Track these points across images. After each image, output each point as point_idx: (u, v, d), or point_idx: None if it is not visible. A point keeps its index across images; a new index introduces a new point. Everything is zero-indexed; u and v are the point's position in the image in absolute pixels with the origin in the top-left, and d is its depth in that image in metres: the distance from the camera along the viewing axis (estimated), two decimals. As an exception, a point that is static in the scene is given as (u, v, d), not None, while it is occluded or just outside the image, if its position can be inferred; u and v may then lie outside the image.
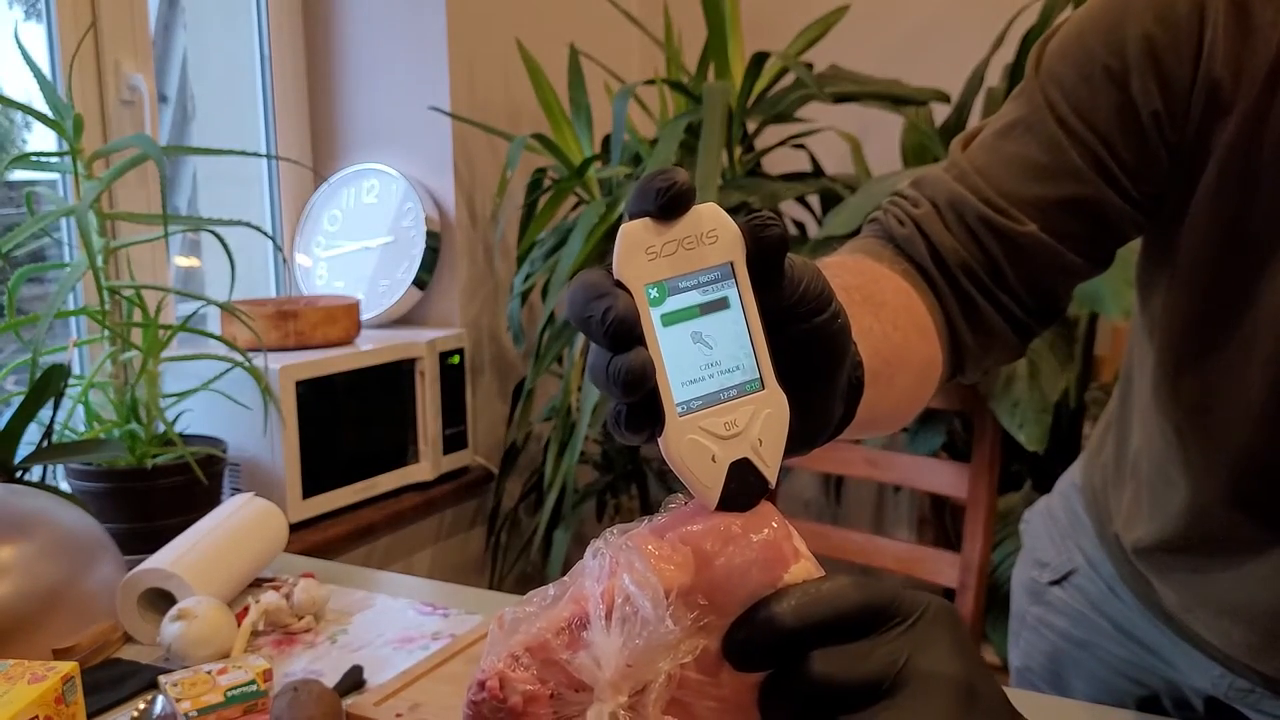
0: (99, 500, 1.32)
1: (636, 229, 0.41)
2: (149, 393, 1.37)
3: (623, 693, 0.39)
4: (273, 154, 2.05)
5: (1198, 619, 0.88)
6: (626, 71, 2.19)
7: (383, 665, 0.99)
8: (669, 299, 0.41)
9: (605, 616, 0.39)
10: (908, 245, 0.73)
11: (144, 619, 1.06)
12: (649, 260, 0.41)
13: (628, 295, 0.40)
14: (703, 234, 0.42)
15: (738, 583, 0.40)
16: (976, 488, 1.64)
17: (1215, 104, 0.68)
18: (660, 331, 0.41)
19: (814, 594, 0.40)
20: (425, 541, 2.03)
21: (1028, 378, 1.69)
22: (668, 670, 0.39)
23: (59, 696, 0.77)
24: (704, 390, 0.41)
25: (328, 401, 1.71)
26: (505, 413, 2.19)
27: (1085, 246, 0.73)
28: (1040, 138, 0.72)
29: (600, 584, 0.40)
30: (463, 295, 2.07)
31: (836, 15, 2.02)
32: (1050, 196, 0.71)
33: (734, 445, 0.42)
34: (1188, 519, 0.82)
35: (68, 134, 1.33)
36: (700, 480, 0.41)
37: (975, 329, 0.74)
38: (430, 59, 2.01)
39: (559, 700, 0.40)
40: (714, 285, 0.42)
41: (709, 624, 0.40)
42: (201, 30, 2.04)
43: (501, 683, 0.40)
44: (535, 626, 0.40)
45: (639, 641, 0.39)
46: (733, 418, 0.42)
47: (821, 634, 0.40)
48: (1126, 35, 0.69)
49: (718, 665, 0.41)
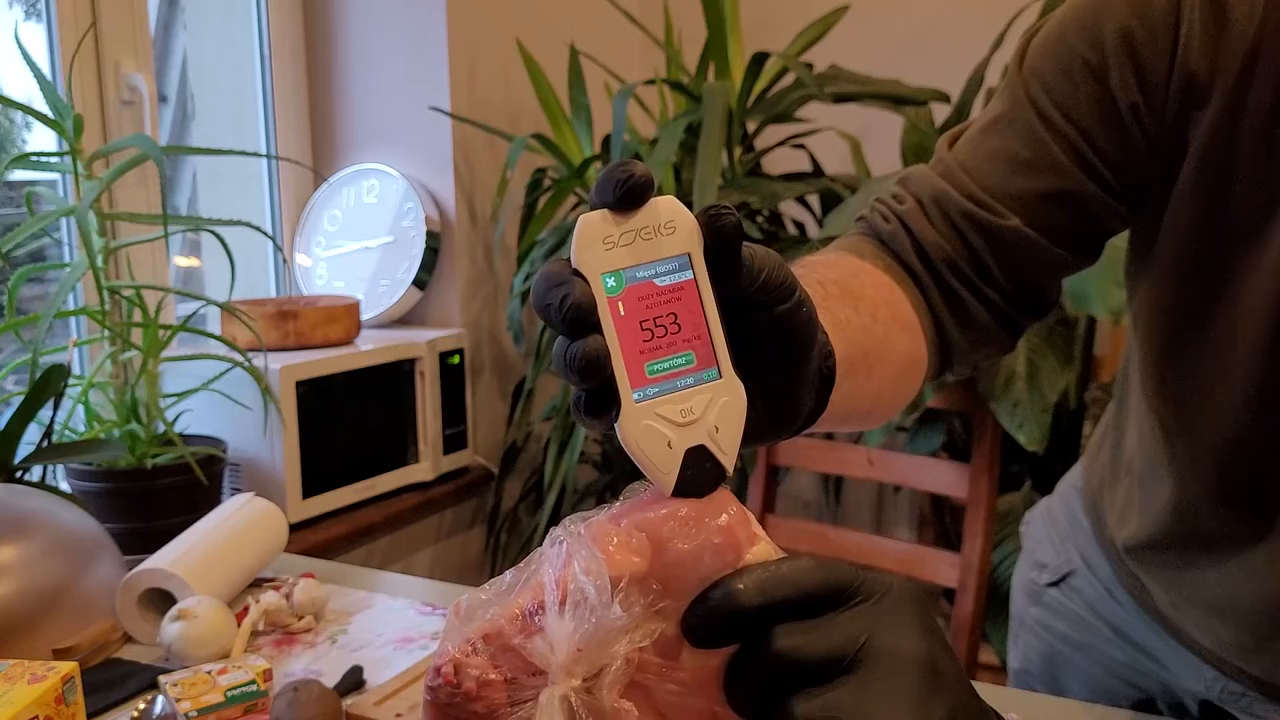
0: (99, 500, 1.32)
1: (595, 220, 0.42)
2: (149, 393, 1.38)
3: (575, 676, 0.40)
4: (273, 154, 2.05)
5: (1187, 618, 0.88)
6: (626, 71, 2.19)
7: (383, 665, 0.99)
8: (626, 288, 0.42)
9: (559, 603, 0.40)
10: (893, 241, 0.74)
11: (144, 619, 1.06)
12: (606, 250, 0.42)
13: (585, 283, 0.41)
14: (660, 225, 0.42)
15: (692, 567, 0.41)
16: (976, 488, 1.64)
17: (1192, 96, 0.69)
18: (616, 319, 0.41)
19: (775, 571, 0.41)
20: (425, 541, 2.03)
21: (1027, 378, 1.69)
22: (624, 654, 0.40)
23: (59, 696, 0.77)
24: (664, 377, 0.42)
25: (328, 401, 1.71)
26: (505, 413, 2.19)
27: (1069, 239, 0.73)
28: (1022, 132, 0.73)
29: (556, 571, 0.40)
30: (463, 295, 2.07)
31: (836, 15, 2.02)
32: (1032, 190, 0.72)
33: (690, 432, 0.42)
34: (1175, 515, 0.83)
35: (68, 134, 1.33)
36: (656, 466, 0.42)
37: (961, 323, 0.75)
38: (430, 59, 2.01)
39: (514, 685, 0.40)
40: (671, 274, 0.42)
41: (665, 608, 0.41)
42: (201, 30, 2.04)
43: (456, 669, 0.40)
44: (491, 614, 0.41)
45: (588, 627, 0.39)
46: (689, 405, 0.42)
47: (783, 610, 0.40)
48: (1104, 30, 0.70)
49: (677, 648, 0.41)
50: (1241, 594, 0.81)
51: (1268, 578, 0.78)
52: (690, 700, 0.42)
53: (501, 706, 0.41)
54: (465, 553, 2.14)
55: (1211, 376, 0.75)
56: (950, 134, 0.78)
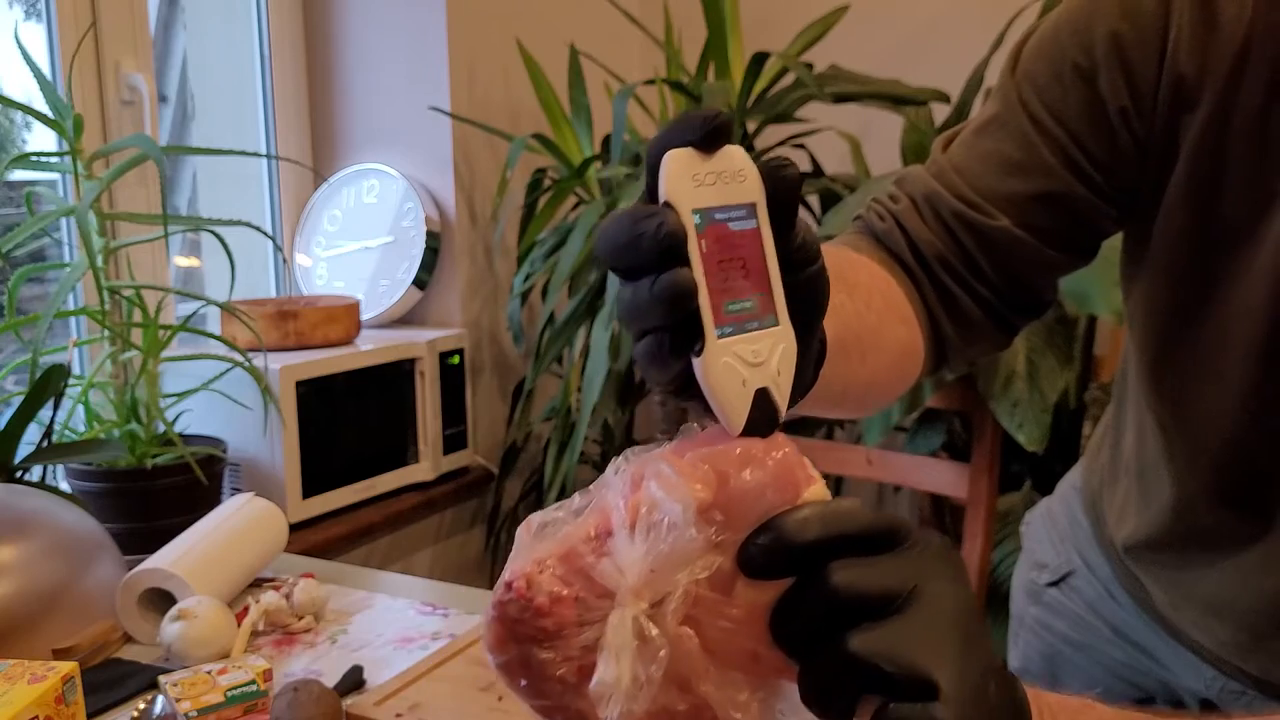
0: (99, 500, 1.32)
1: (683, 155, 0.42)
2: (149, 393, 1.38)
3: (644, 599, 0.40)
4: (273, 154, 2.05)
5: (1185, 617, 0.88)
6: (626, 71, 2.19)
7: (383, 665, 0.99)
8: (708, 226, 0.42)
9: (630, 526, 0.40)
10: (887, 238, 0.76)
11: (144, 619, 1.06)
12: (695, 186, 0.42)
13: (677, 216, 0.42)
14: (735, 171, 0.43)
15: (754, 501, 0.41)
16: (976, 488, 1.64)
17: (1182, 99, 0.69)
18: (701, 255, 0.42)
19: (834, 507, 0.42)
20: (425, 541, 2.03)
21: (1027, 378, 1.69)
22: (685, 584, 0.40)
23: (59, 696, 0.77)
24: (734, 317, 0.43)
25: (328, 401, 1.71)
26: (505, 413, 2.19)
27: (1059, 240, 0.74)
28: (1014, 135, 0.74)
29: (623, 497, 0.41)
30: (463, 295, 2.07)
31: (836, 15, 2.02)
32: (1022, 192, 0.73)
33: (759, 373, 0.43)
34: (1172, 515, 0.83)
35: (68, 134, 1.33)
36: (731, 403, 0.43)
37: (954, 319, 0.76)
38: (430, 59, 2.01)
39: (582, 605, 0.40)
40: (742, 220, 0.43)
41: (724, 541, 0.41)
42: (201, 30, 2.04)
43: (528, 583, 0.41)
44: (562, 533, 0.41)
45: (664, 547, 0.40)
46: (758, 347, 0.43)
47: (840, 546, 0.41)
48: (1095, 33, 0.70)
49: (731, 584, 0.41)
50: (1238, 593, 0.81)
51: (1264, 577, 0.78)
52: (737, 639, 0.42)
53: (570, 625, 0.41)
54: (465, 553, 2.14)
55: (1207, 377, 0.76)
56: (945, 136, 0.79)
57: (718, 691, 0.42)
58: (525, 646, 0.41)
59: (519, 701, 0.43)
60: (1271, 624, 0.80)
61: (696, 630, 0.42)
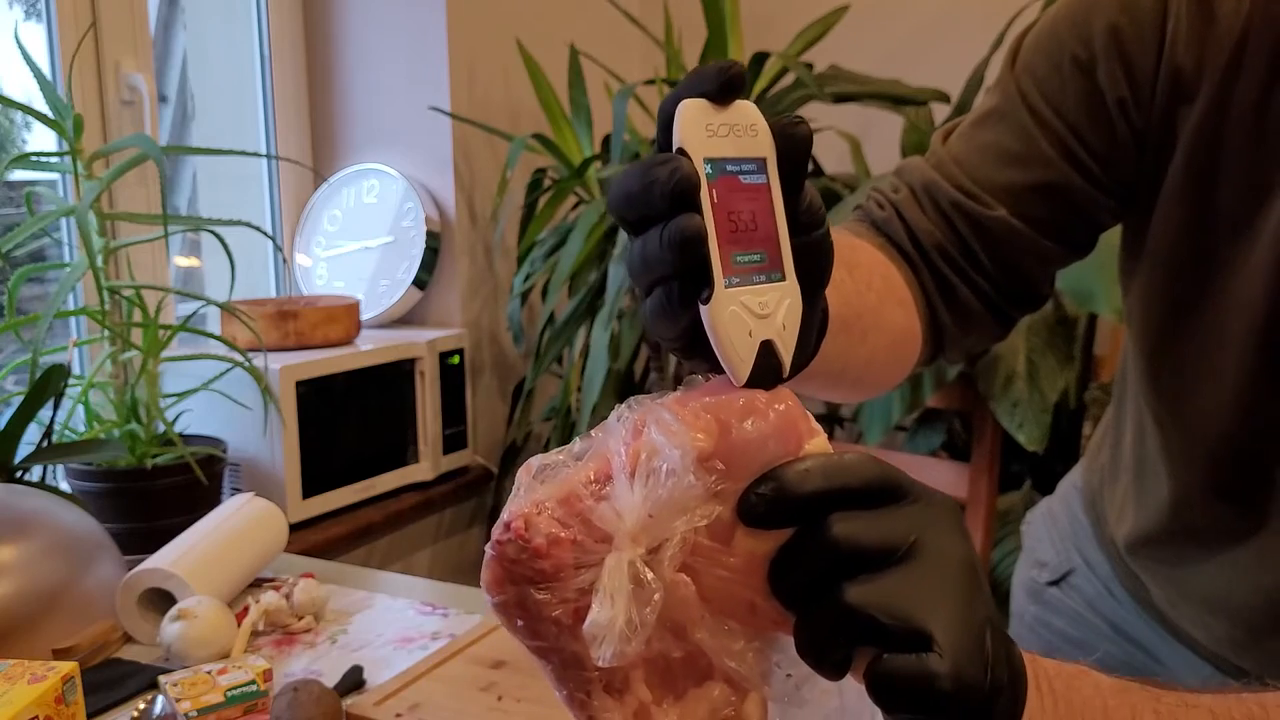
0: (99, 500, 1.32)
1: (697, 106, 0.43)
2: (149, 393, 1.38)
3: (641, 545, 0.40)
4: (273, 154, 2.05)
5: (1184, 614, 0.88)
6: (626, 71, 2.19)
7: (383, 665, 0.99)
8: (719, 177, 0.43)
9: (629, 472, 0.40)
10: (887, 227, 0.77)
11: (144, 619, 1.06)
12: (708, 136, 0.42)
13: (690, 163, 0.42)
14: (748, 125, 0.44)
15: (755, 451, 0.41)
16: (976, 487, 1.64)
17: (1179, 91, 0.70)
18: (711, 204, 0.42)
19: (836, 459, 0.42)
20: (425, 541, 2.03)
21: (1027, 378, 1.69)
22: (683, 531, 0.40)
23: (59, 696, 0.77)
24: (742, 268, 0.43)
25: (328, 401, 1.71)
26: (505, 413, 2.19)
27: (1056, 231, 0.75)
28: (1012, 126, 0.74)
29: (624, 444, 0.41)
30: (463, 295, 2.07)
31: (836, 15, 2.02)
32: (1020, 182, 0.74)
33: (765, 325, 0.43)
34: (1171, 511, 0.83)
35: (68, 134, 1.33)
36: (736, 352, 0.43)
37: (951, 308, 0.76)
38: (430, 59, 2.01)
39: (579, 548, 0.40)
40: (752, 175, 0.44)
41: (724, 491, 0.41)
42: (201, 30, 2.04)
43: (527, 524, 0.41)
44: (561, 476, 0.41)
45: (662, 493, 0.40)
46: (765, 299, 0.43)
47: (841, 498, 0.41)
48: (1093, 26, 0.71)
49: (730, 533, 0.41)
50: (1235, 589, 0.81)
51: (1260, 573, 0.79)
52: (735, 588, 0.42)
53: (566, 567, 0.41)
54: (465, 552, 2.14)
55: (1204, 371, 0.76)
56: (945, 128, 0.80)
57: (712, 639, 0.42)
58: (522, 587, 0.41)
59: (518, 701, 0.43)
60: (1268, 619, 0.80)
61: (694, 579, 0.42)
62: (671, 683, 0.44)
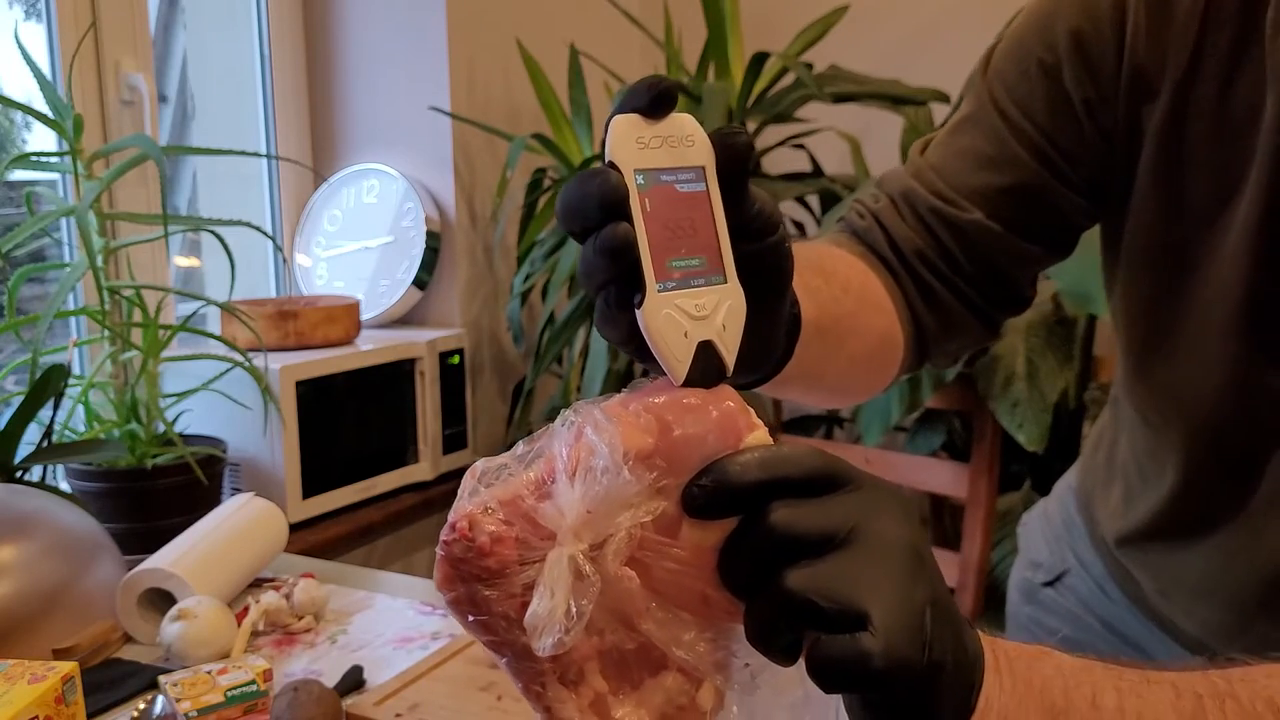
0: (99, 500, 1.32)
1: (627, 121, 0.45)
2: (149, 393, 1.38)
3: (583, 540, 0.42)
4: (273, 154, 2.05)
5: (1176, 605, 0.89)
6: (626, 71, 2.19)
7: (382, 665, 0.99)
8: (652, 187, 0.44)
9: (570, 473, 0.42)
10: (867, 235, 0.78)
11: (144, 619, 1.06)
12: (638, 149, 0.44)
13: (619, 174, 0.44)
14: (683, 136, 0.46)
15: (695, 447, 0.43)
16: (976, 487, 1.64)
17: (1142, 90, 0.72)
18: (644, 212, 0.44)
19: (775, 451, 0.43)
20: (425, 541, 2.03)
21: (1027, 378, 1.69)
22: (627, 526, 0.42)
23: (59, 696, 0.77)
24: (677, 272, 0.45)
25: (328, 401, 1.71)
26: (505, 413, 2.19)
27: (1032, 233, 0.77)
28: (985, 131, 0.77)
29: (567, 446, 0.43)
30: (463, 295, 2.07)
31: (836, 15, 2.02)
32: (995, 184, 0.76)
33: (702, 326, 0.45)
34: (1163, 503, 0.84)
35: (68, 134, 1.33)
36: (672, 353, 0.44)
37: (934, 312, 0.78)
38: (430, 59, 2.01)
39: (524, 545, 0.42)
40: (689, 183, 0.45)
41: (667, 486, 0.42)
42: (201, 30, 2.04)
43: (471, 524, 0.42)
44: (507, 481, 0.43)
45: (599, 489, 0.41)
46: (702, 301, 0.45)
47: (781, 487, 0.42)
48: (1057, 31, 0.74)
49: (676, 526, 0.43)
50: (1225, 573, 0.82)
51: (1249, 555, 0.80)
52: (686, 580, 0.43)
53: (511, 564, 0.42)
54: (465, 552, 2.14)
55: (1190, 360, 0.77)
56: (923, 139, 0.82)
57: (660, 630, 0.44)
58: (471, 585, 0.43)
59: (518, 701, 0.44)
60: (1257, 602, 0.81)
61: (645, 573, 0.43)
62: (627, 673, 0.45)
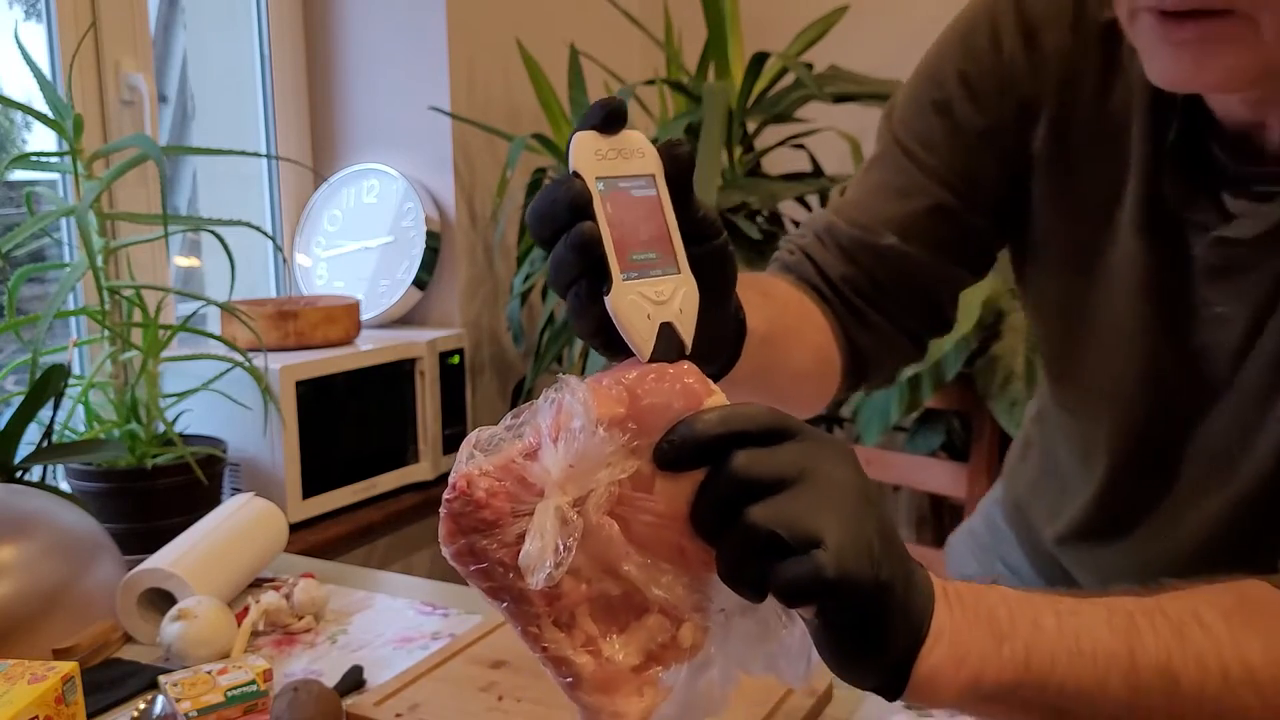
0: (99, 500, 1.32)
1: (586, 136, 0.52)
2: (149, 393, 1.38)
3: (567, 493, 0.48)
4: (273, 154, 2.05)
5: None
6: (626, 71, 2.19)
7: (383, 665, 0.99)
8: (611, 192, 0.51)
9: (553, 437, 0.48)
10: (798, 268, 0.86)
11: (144, 619, 1.06)
12: (597, 160, 0.51)
13: (583, 181, 0.50)
14: (635, 149, 0.53)
15: (662, 411, 0.49)
16: (975, 487, 1.64)
17: (1026, 115, 0.82)
18: (605, 214, 0.51)
19: (733, 408, 0.49)
20: (425, 541, 2.03)
21: (1026, 378, 1.69)
22: (606, 482, 0.48)
23: (59, 696, 0.77)
24: (638, 265, 0.51)
25: (328, 401, 1.71)
26: (505, 412, 2.17)
27: (945, 254, 0.85)
28: (893, 166, 0.86)
29: (550, 418, 0.49)
30: (463, 295, 2.07)
31: (836, 15, 2.02)
32: (905, 211, 0.84)
33: (663, 310, 0.52)
34: (1095, 501, 0.89)
35: (68, 134, 1.33)
36: (638, 333, 0.51)
37: (866, 332, 0.86)
38: (430, 59, 2.01)
39: (515, 499, 0.49)
40: (642, 189, 0.53)
41: (639, 447, 0.49)
42: (201, 30, 2.04)
43: (468, 483, 0.49)
44: (499, 448, 0.50)
45: (577, 445, 0.47)
46: (661, 288, 0.52)
47: (739, 439, 0.48)
48: (945, 73, 0.84)
49: (651, 483, 0.49)
50: (1151, 565, 0.85)
51: (1177, 537, 0.84)
52: (663, 532, 0.50)
53: (505, 516, 0.49)
54: (465, 552, 2.14)
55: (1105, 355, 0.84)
56: (840, 186, 0.91)
57: (639, 572, 0.50)
58: (470, 536, 0.50)
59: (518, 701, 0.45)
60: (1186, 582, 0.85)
61: (625, 525, 0.49)
62: (614, 617, 0.51)
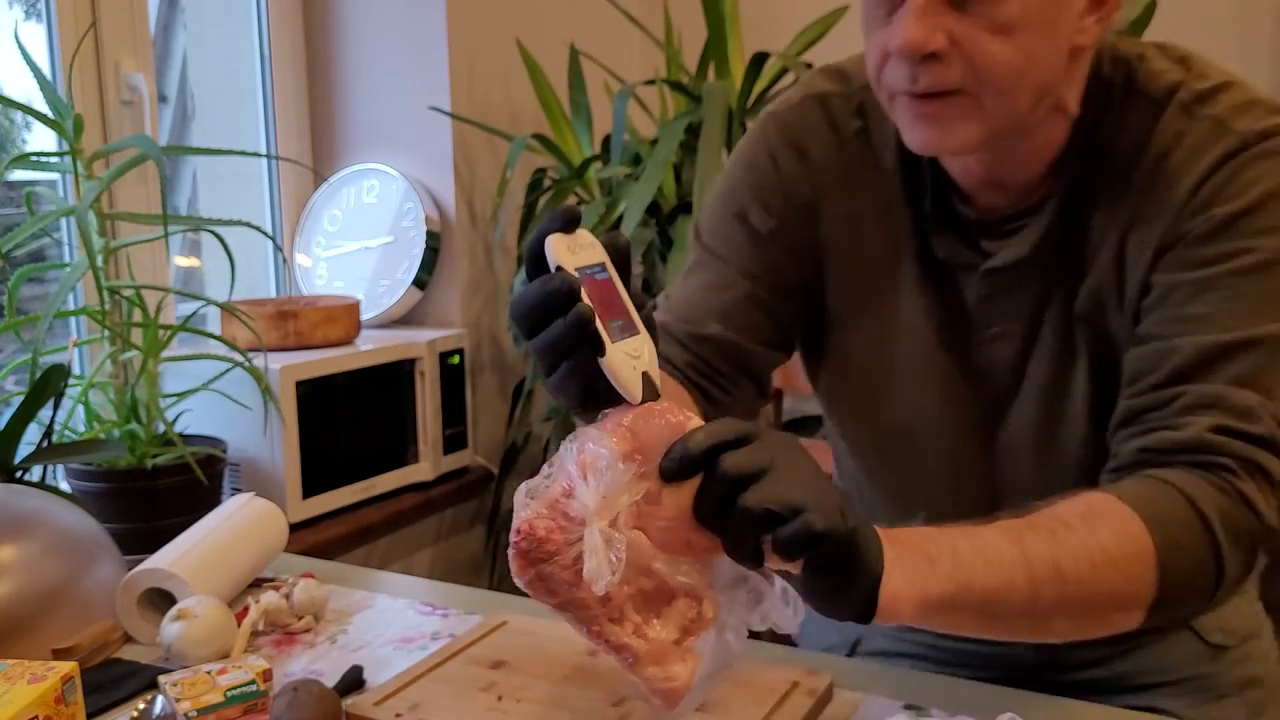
0: (99, 500, 1.32)
1: (558, 237, 0.66)
2: (149, 393, 1.38)
3: (604, 518, 0.62)
4: (273, 154, 2.05)
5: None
6: (626, 71, 2.19)
7: (383, 665, 0.99)
8: (584, 278, 0.65)
9: (583, 477, 0.63)
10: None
11: (144, 619, 1.06)
12: (571, 255, 0.66)
13: (567, 273, 0.64)
14: (588, 243, 0.67)
15: (658, 440, 0.64)
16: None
17: (808, 213, 1.00)
18: (587, 295, 0.65)
19: (713, 425, 0.64)
20: (425, 541, 2.03)
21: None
22: (627, 503, 0.63)
23: (59, 696, 0.77)
24: (615, 331, 0.65)
25: (328, 401, 1.71)
26: (505, 413, 2.19)
27: (760, 338, 1.01)
28: (706, 269, 1.02)
29: (575, 462, 0.64)
30: (463, 295, 2.07)
31: (836, 15, 2.02)
32: (723, 302, 1.00)
33: (640, 363, 0.66)
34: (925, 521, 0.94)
35: (68, 134, 1.33)
36: (630, 382, 0.65)
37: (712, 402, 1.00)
38: (430, 59, 2.01)
39: (566, 532, 0.64)
40: (600, 273, 0.67)
41: (647, 471, 0.64)
42: (201, 30, 2.04)
43: (530, 526, 0.64)
44: (543, 495, 0.65)
45: (606, 479, 0.62)
46: (633, 348, 0.66)
47: (723, 446, 0.63)
48: (736, 188, 1.02)
49: (658, 497, 0.64)
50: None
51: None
52: (674, 532, 0.65)
53: (561, 546, 0.64)
54: (465, 553, 2.14)
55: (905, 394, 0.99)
56: (665, 292, 1.07)
57: (665, 566, 0.65)
58: (538, 566, 0.65)
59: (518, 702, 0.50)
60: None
61: (646, 533, 0.64)
62: (652, 606, 0.66)
